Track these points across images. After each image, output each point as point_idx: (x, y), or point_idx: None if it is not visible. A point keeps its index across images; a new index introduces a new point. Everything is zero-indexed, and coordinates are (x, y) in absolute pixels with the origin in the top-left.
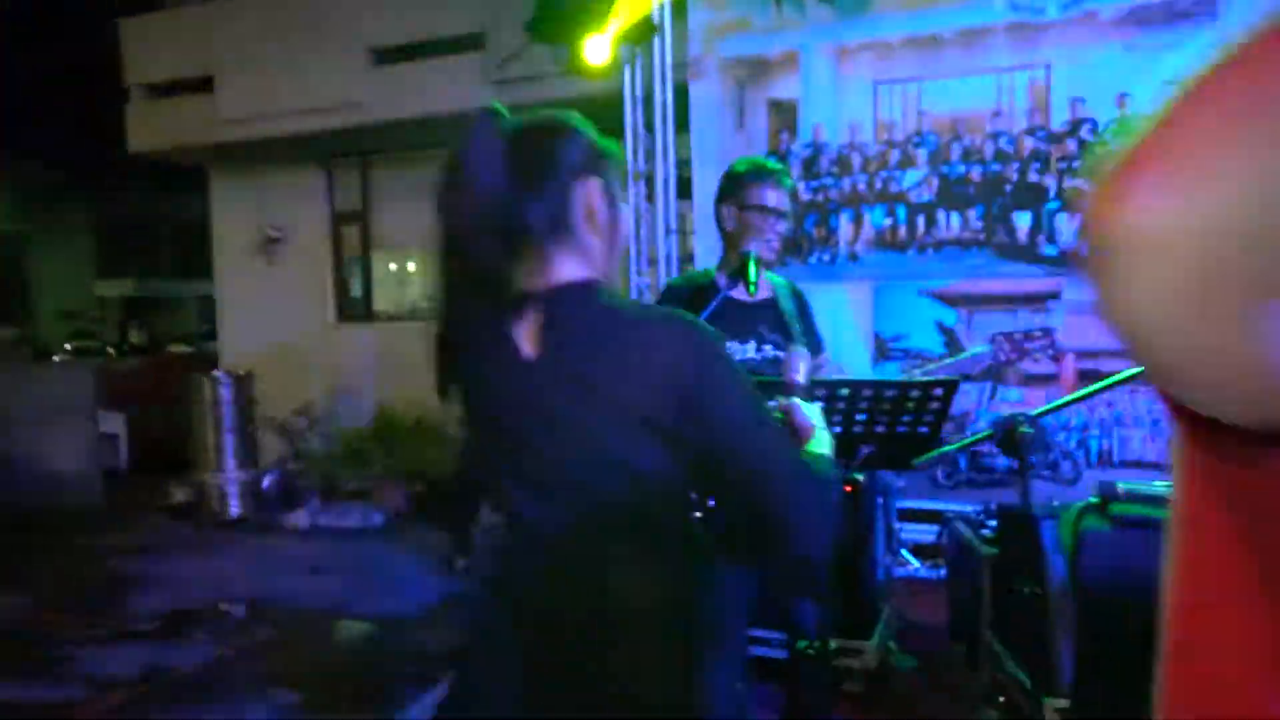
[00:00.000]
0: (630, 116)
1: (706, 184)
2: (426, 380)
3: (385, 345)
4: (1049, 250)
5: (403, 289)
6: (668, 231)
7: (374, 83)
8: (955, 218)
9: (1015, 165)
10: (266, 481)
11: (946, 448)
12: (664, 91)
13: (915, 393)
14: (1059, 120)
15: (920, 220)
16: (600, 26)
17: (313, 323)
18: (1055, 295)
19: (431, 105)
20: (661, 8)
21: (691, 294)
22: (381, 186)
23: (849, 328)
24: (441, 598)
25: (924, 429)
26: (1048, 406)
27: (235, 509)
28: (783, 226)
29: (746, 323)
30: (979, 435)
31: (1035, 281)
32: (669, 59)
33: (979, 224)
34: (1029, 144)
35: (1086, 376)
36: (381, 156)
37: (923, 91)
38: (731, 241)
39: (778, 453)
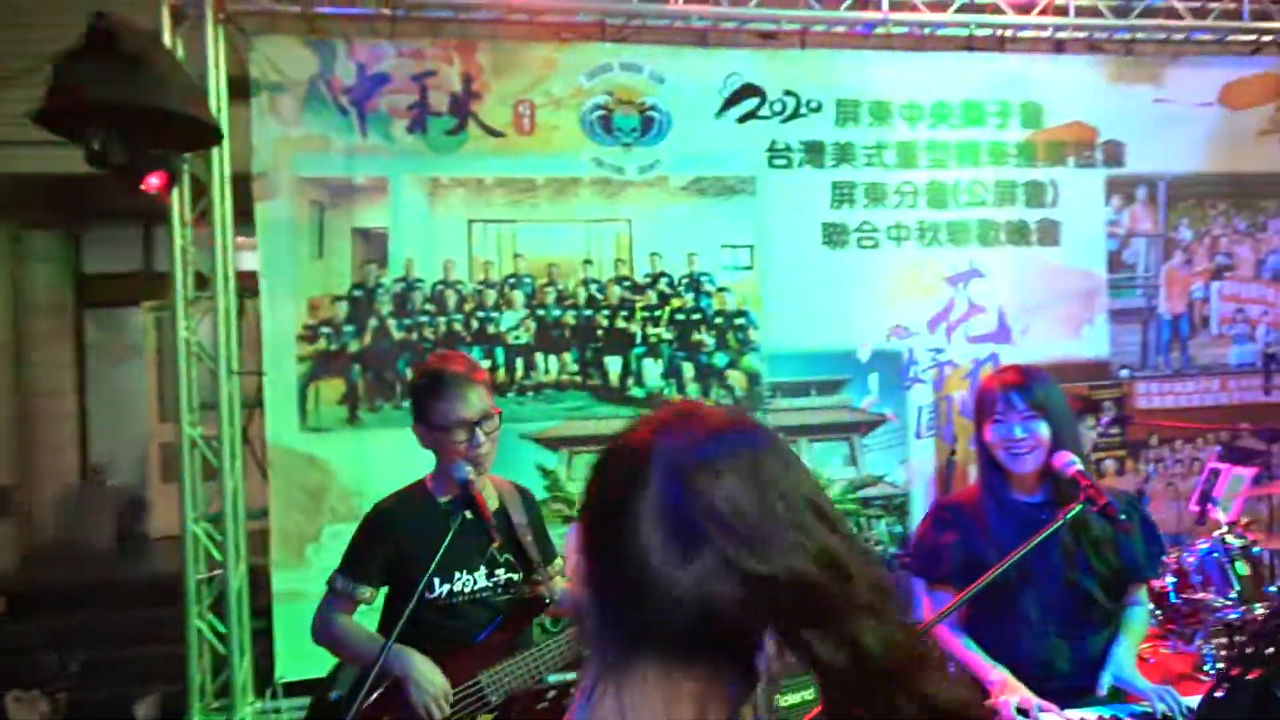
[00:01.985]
0: (180, 235)
1: (282, 319)
2: None
3: None
4: (637, 392)
5: None
6: (230, 373)
7: None
8: (553, 360)
9: (606, 311)
10: None
11: None
12: (223, 205)
13: None
14: (641, 271)
15: (519, 362)
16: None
17: None
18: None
19: None
20: (219, 111)
21: (409, 517)
22: None
23: None
24: None
25: None
26: None
27: None
28: (490, 426)
29: (475, 545)
30: None
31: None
32: (227, 170)
33: (575, 367)
34: (617, 292)
35: None
36: None
37: (518, 233)
38: (437, 456)
39: None
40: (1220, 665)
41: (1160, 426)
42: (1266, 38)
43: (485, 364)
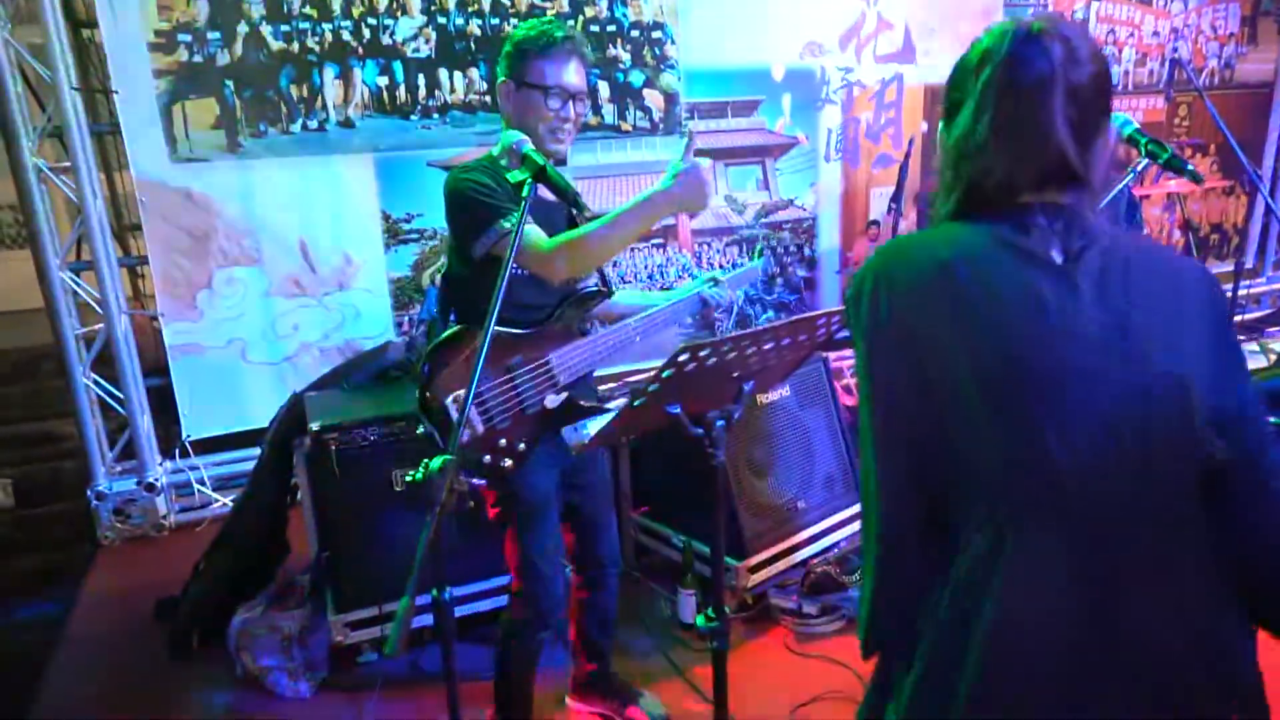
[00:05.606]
0: None
1: (126, 21)
2: None
3: None
4: None
5: None
6: (72, 88)
7: None
8: (459, 77)
9: (514, 20)
10: None
11: None
12: None
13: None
14: None
15: (421, 79)
16: None
17: None
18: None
19: None
20: None
21: (502, 185)
22: None
23: (352, 209)
24: None
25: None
26: None
27: None
28: (581, 109)
29: (551, 220)
30: None
31: None
32: None
33: (484, 85)
34: None
35: None
36: None
37: None
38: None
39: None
40: None
41: None
42: None
43: (382, 81)
